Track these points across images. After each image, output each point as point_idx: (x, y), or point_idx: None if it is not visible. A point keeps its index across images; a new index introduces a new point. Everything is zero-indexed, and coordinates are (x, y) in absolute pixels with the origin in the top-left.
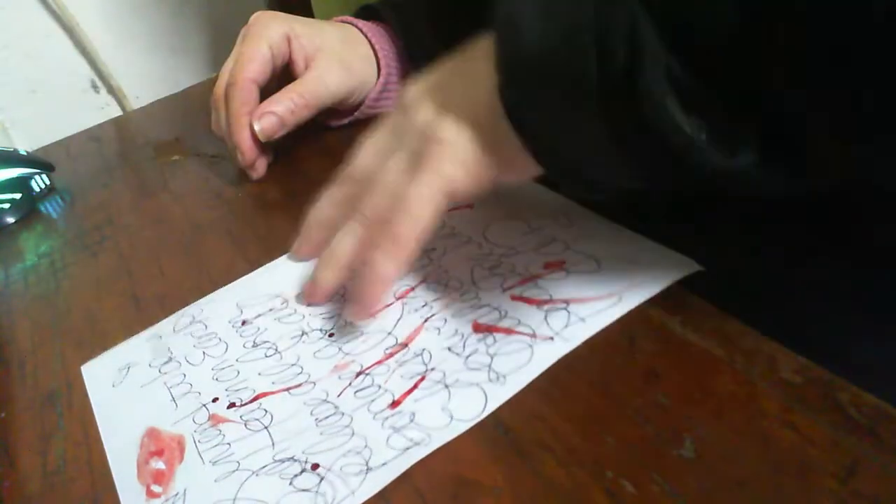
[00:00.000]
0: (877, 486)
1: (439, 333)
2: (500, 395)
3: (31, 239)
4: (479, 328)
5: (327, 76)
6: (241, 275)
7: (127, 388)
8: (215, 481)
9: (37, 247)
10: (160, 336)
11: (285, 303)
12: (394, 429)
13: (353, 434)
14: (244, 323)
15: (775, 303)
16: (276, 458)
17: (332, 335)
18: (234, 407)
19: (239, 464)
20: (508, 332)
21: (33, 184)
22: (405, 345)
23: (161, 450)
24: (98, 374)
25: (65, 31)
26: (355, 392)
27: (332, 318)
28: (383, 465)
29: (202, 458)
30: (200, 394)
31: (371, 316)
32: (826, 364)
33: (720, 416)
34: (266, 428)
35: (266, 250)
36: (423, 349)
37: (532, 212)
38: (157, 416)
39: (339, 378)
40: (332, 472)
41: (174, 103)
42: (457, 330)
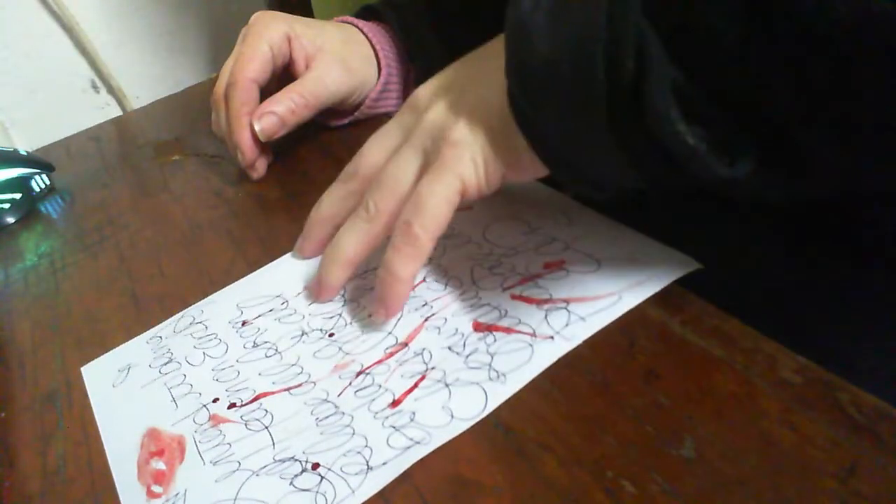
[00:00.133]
0: (877, 486)
1: (439, 333)
2: (500, 394)
3: (31, 239)
4: (479, 327)
5: (328, 76)
6: (241, 275)
7: (127, 389)
8: (216, 481)
9: (37, 247)
10: (160, 337)
11: (285, 303)
12: (394, 428)
13: (354, 433)
14: (244, 323)
15: (775, 303)
16: (276, 458)
17: (332, 335)
18: (234, 407)
19: (239, 464)
20: (508, 331)
21: (33, 184)
22: (405, 344)
23: (161, 450)
24: (98, 374)
25: (65, 31)
26: (356, 391)
27: (332, 317)
28: (384, 464)
29: (203, 459)
30: (201, 394)
31: (395, 315)
32: (826, 364)
33: (720, 416)
34: (266, 428)
35: (266, 250)
36: (424, 348)
37: (532, 212)
38: (158, 417)
39: (340, 378)
40: (333, 472)
41: (174, 103)
42: (457, 329)
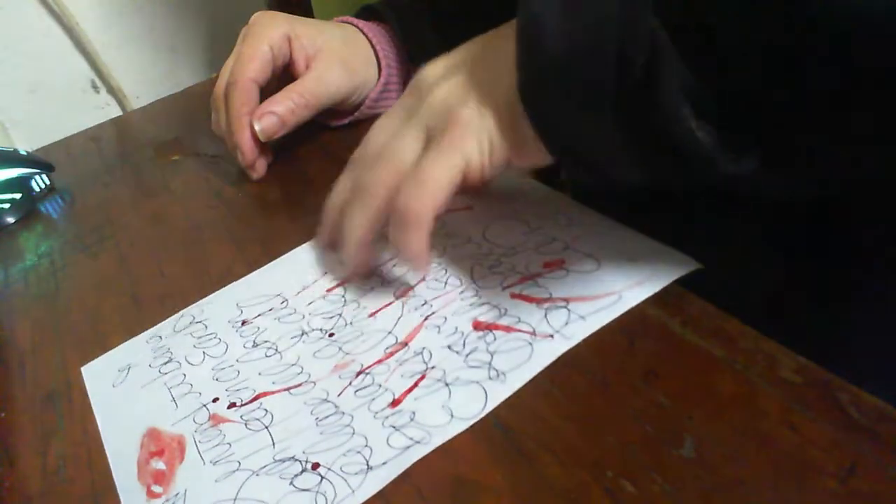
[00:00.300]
0: (877, 486)
1: (439, 332)
2: (500, 393)
3: (31, 239)
4: (478, 326)
5: (328, 76)
6: (241, 275)
7: (127, 389)
8: (216, 481)
9: (37, 247)
10: (160, 336)
11: (285, 302)
12: (394, 428)
13: (354, 433)
14: (244, 323)
15: (775, 303)
16: (276, 458)
17: (332, 335)
18: (234, 407)
19: (239, 464)
20: (508, 329)
21: (33, 184)
22: (405, 343)
23: (161, 450)
24: (98, 374)
25: (64, 31)
26: (355, 391)
27: (332, 317)
28: (384, 464)
29: (203, 459)
30: (201, 394)
31: (427, 265)
32: (826, 364)
33: (720, 416)
34: (266, 428)
35: (266, 250)
36: (423, 348)
37: (532, 211)
38: (158, 417)
39: (340, 377)
40: (333, 472)
41: (174, 103)
42: (457, 328)
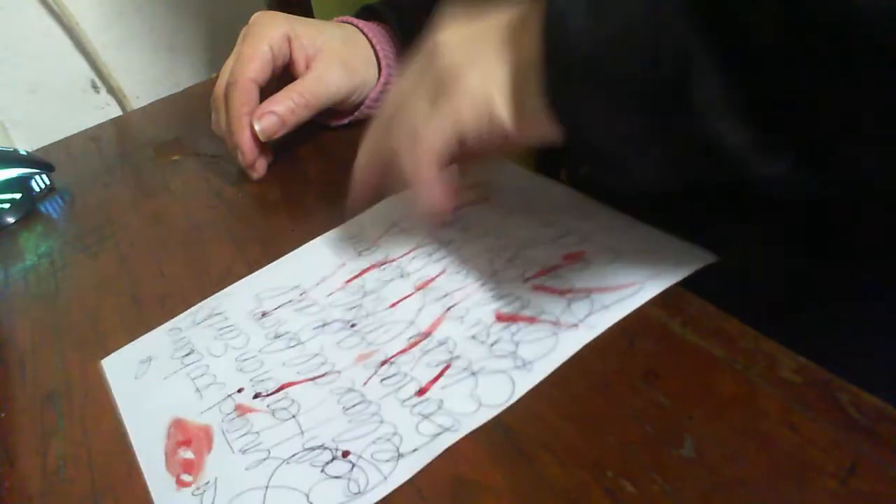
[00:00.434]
0: (877, 486)
1: (462, 322)
2: (527, 382)
3: (31, 239)
4: (501, 317)
5: (328, 76)
6: (242, 275)
7: (149, 381)
8: (246, 469)
9: (37, 247)
10: (180, 328)
11: (304, 294)
12: (423, 415)
13: (382, 421)
14: (264, 314)
15: (775, 303)
16: (305, 447)
17: (353, 325)
18: (259, 397)
19: (269, 452)
20: (532, 320)
21: (33, 184)
22: (428, 334)
23: (189, 440)
24: (119, 367)
25: (64, 31)
26: (381, 380)
27: (352, 308)
28: (414, 451)
29: (231, 447)
30: (225, 385)
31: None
32: (826, 364)
33: (720, 416)
34: (294, 417)
35: (266, 250)
36: (447, 338)
37: (547, 206)
38: (183, 407)
39: (364, 367)
40: (364, 459)
41: (174, 103)
42: (479, 319)
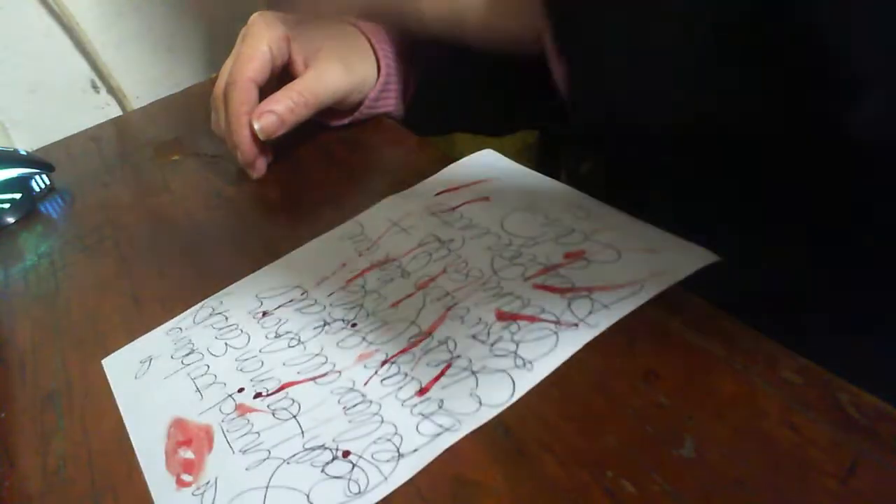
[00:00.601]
0: (877, 486)
1: (462, 322)
2: (527, 381)
3: (31, 239)
4: (502, 316)
5: (327, 75)
6: (242, 275)
7: (150, 380)
8: (246, 469)
9: (37, 247)
10: (180, 328)
11: (305, 293)
12: (423, 415)
13: (383, 421)
14: (265, 314)
15: (775, 303)
16: (306, 447)
17: (354, 325)
18: (260, 397)
19: (269, 452)
20: (532, 319)
21: (33, 184)
22: (429, 333)
23: (189, 439)
24: (119, 367)
25: (64, 31)
26: (382, 380)
27: (353, 308)
28: (415, 451)
29: (231, 448)
30: (225, 384)
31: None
32: (826, 364)
33: (720, 416)
34: (294, 417)
35: (266, 250)
36: (448, 337)
37: (549, 204)
38: (183, 407)
39: (365, 367)
40: (364, 459)
41: (174, 103)
42: (480, 318)
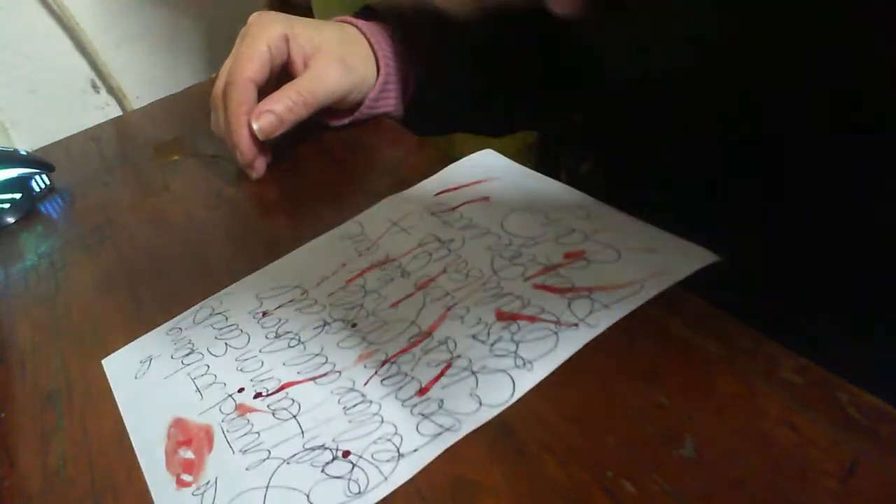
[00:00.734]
0: (877, 486)
1: (462, 322)
2: (527, 381)
3: (31, 239)
4: (502, 316)
5: (326, 75)
6: (242, 275)
7: (150, 380)
8: (246, 469)
9: (37, 247)
10: (180, 328)
11: (304, 294)
12: (423, 415)
13: (383, 421)
14: (265, 314)
15: (775, 303)
16: (306, 447)
17: (354, 325)
18: (260, 397)
19: (269, 452)
20: (532, 319)
21: (33, 184)
22: (429, 333)
23: (189, 439)
24: (119, 367)
25: (64, 31)
26: (382, 380)
27: (353, 308)
28: (415, 451)
29: (231, 448)
30: (225, 384)
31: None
32: (826, 364)
33: (720, 416)
34: (294, 417)
35: (266, 250)
36: (448, 337)
37: (549, 204)
38: (183, 407)
39: (365, 367)
40: (364, 460)
41: (174, 103)
42: (480, 318)
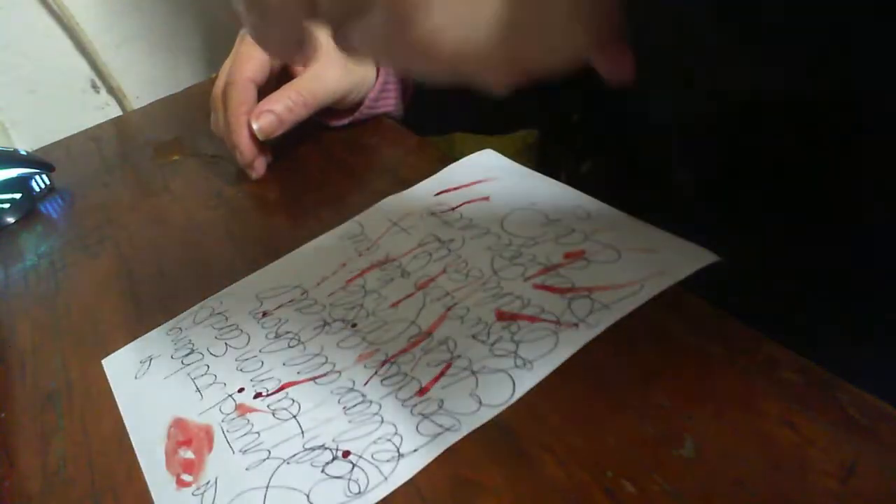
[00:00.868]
0: (877, 486)
1: (462, 322)
2: (527, 381)
3: (31, 239)
4: (502, 316)
5: (325, 74)
6: (242, 275)
7: (150, 380)
8: (246, 469)
9: (37, 247)
10: (180, 328)
11: (305, 294)
12: (423, 415)
13: (383, 421)
14: (265, 314)
15: (775, 303)
16: (306, 447)
17: (354, 325)
18: (260, 397)
19: (269, 452)
20: (532, 319)
21: (33, 184)
22: (429, 333)
23: (189, 439)
24: (119, 367)
25: (64, 31)
26: (382, 380)
27: (353, 308)
28: (415, 451)
29: (231, 448)
30: (226, 384)
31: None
32: (826, 364)
33: (720, 416)
34: (294, 417)
35: (266, 250)
36: (448, 337)
37: (549, 204)
38: (183, 407)
39: (365, 367)
40: (364, 459)
41: (174, 103)
42: (480, 318)
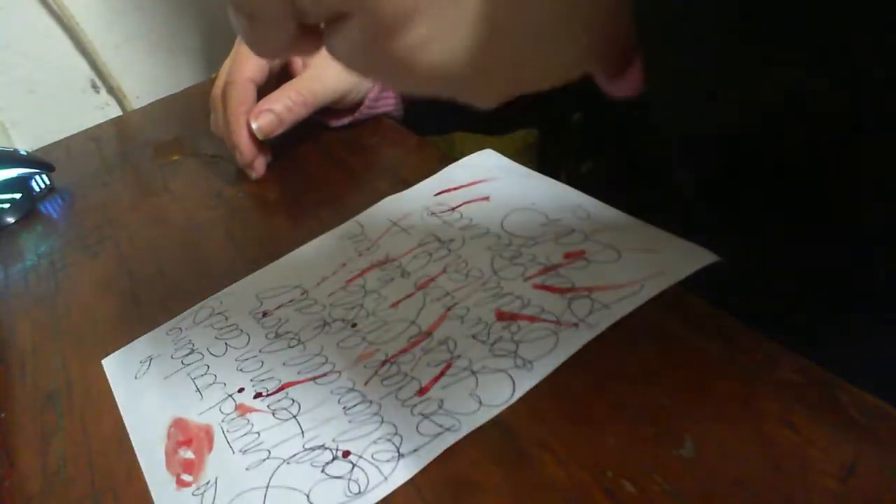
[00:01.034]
0: (877, 486)
1: (462, 322)
2: (527, 381)
3: (31, 239)
4: (502, 316)
5: (325, 74)
6: (242, 275)
7: (150, 380)
8: (246, 469)
9: (37, 247)
10: (180, 328)
11: (305, 294)
12: (423, 415)
13: (383, 421)
14: (265, 314)
15: (775, 303)
16: (306, 447)
17: (354, 325)
18: (260, 397)
19: (269, 452)
20: (532, 319)
21: (33, 184)
22: (429, 333)
23: (189, 439)
24: (119, 367)
25: (64, 31)
26: (382, 380)
27: (353, 308)
28: (415, 451)
29: (231, 448)
30: (226, 384)
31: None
32: (826, 364)
33: (720, 416)
34: (294, 417)
35: (266, 250)
36: (448, 337)
37: (549, 204)
38: (183, 407)
39: (365, 367)
40: (364, 460)
41: (174, 103)
42: (480, 318)
